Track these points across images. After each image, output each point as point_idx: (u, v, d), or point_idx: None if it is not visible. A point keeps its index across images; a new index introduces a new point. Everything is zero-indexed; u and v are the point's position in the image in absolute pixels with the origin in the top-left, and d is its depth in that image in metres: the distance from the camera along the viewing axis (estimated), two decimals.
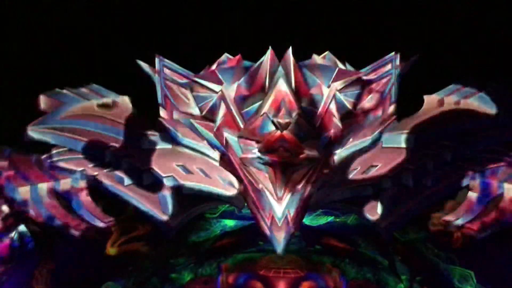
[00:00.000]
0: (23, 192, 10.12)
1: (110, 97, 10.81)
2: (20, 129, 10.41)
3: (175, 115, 10.38)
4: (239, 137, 9.77)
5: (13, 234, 10.04)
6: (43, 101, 10.62)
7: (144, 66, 10.38)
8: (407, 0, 14.11)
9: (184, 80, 10.32)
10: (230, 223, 12.10)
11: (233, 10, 14.22)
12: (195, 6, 14.18)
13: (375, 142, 10.44)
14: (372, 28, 14.58)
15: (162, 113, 10.46)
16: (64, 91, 10.73)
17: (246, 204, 10.23)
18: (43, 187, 10.22)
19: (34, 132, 10.47)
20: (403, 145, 10.48)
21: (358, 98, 10.17)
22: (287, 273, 13.05)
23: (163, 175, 10.26)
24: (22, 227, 10.10)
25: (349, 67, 10.74)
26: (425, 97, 10.87)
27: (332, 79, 10.10)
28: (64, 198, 10.34)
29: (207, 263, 12.85)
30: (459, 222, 10.43)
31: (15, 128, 10.49)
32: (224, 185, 10.24)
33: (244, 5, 14.24)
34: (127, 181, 10.32)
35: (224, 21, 14.05)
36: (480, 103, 10.64)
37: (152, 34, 14.22)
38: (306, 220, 11.15)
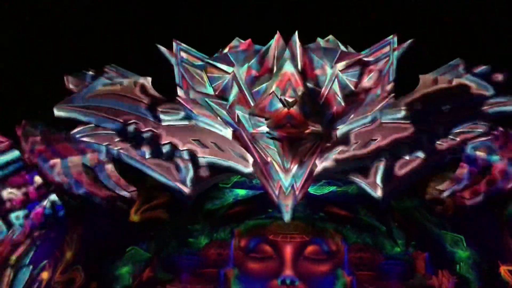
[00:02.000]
0: (54, 164, 10.16)
1: (132, 78, 10.79)
2: (50, 107, 10.41)
3: (191, 94, 10.41)
4: (250, 114, 9.81)
5: (46, 203, 10.10)
6: (70, 82, 10.65)
7: (163, 50, 10.40)
8: None
9: (199, 62, 10.36)
10: (241, 192, 12.17)
11: None
12: None
13: (374, 118, 10.45)
14: (372, 13, 14.48)
15: (180, 92, 10.47)
16: (90, 72, 10.72)
17: (256, 175, 10.24)
18: (72, 160, 10.29)
19: (62, 110, 10.52)
20: (400, 120, 10.47)
21: (359, 78, 10.18)
22: (294, 238, 13.17)
23: (181, 148, 10.32)
24: (53, 197, 10.15)
25: (350, 50, 10.70)
26: (421, 77, 10.81)
27: (335, 60, 10.12)
28: (91, 170, 10.36)
29: (221, 228, 12.98)
30: (451, 191, 10.42)
31: (46, 106, 10.51)
32: (236, 158, 10.28)
33: None
34: (148, 154, 10.36)
35: (236, 8, 13.96)
36: (471, 82, 10.59)
37: (169, 20, 14.17)
38: (311, 190, 11.23)
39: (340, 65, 10.13)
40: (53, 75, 10.99)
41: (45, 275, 9.96)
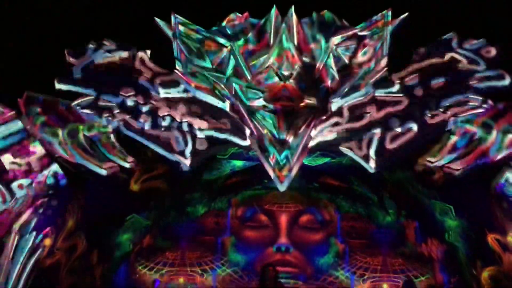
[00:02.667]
0: (55, 135, 10.16)
1: (131, 51, 10.75)
2: (52, 80, 10.39)
3: (190, 68, 10.39)
4: (247, 87, 9.82)
5: (48, 173, 10.11)
6: (71, 55, 10.60)
7: (162, 23, 10.33)
8: None
9: (197, 36, 10.29)
10: (238, 163, 12.23)
11: None
12: None
13: (368, 91, 10.46)
14: None
15: (178, 66, 10.45)
16: (90, 45, 10.67)
17: (252, 146, 10.30)
18: (73, 131, 10.26)
19: (63, 83, 10.51)
20: (393, 94, 10.49)
21: (354, 52, 10.15)
22: (289, 207, 13.30)
23: (179, 120, 10.34)
24: (55, 166, 10.17)
25: (345, 24, 10.66)
26: (414, 51, 10.79)
27: (330, 35, 10.07)
28: (92, 141, 10.37)
29: (218, 198, 13.10)
30: (441, 162, 10.49)
31: (47, 78, 10.48)
32: (233, 130, 10.31)
33: None
34: (147, 126, 10.37)
35: None
36: (463, 56, 10.60)
37: None
38: (305, 161, 11.29)
39: (335, 39, 10.12)
40: (54, 49, 10.93)
41: (47, 241, 10.02)
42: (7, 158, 9.91)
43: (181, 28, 10.33)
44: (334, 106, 10.33)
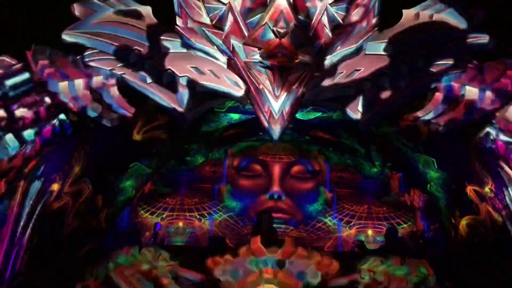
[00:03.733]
0: (62, 86, 10.25)
1: (134, 7, 10.70)
2: (58, 33, 10.36)
3: (189, 24, 10.36)
4: (244, 44, 9.87)
5: (55, 122, 10.18)
6: (77, 9, 10.57)
7: None
8: None
9: None
10: (235, 116, 12.36)
11: None
12: None
13: (359, 49, 10.52)
14: None
15: (178, 21, 10.42)
16: (95, 0, 10.61)
17: (248, 100, 10.39)
18: (79, 82, 10.34)
19: (69, 36, 10.51)
20: (383, 52, 10.56)
21: (347, 11, 10.16)
22: (281, 158, 13.54)
23: (179, 74, 10.39)
24: (62, 116, 10.24)
25: None
26: (404, 11, 10.79)
27: None
28: (97, 92, 10.42)
29: (216, 149, 13.31)
30: (426, 118, 10.62)
31: (54, 32, 10.44)
32: (231, 84, 10.38)
33: None
34: (149, 79, 10.44)
35: None
36: (450, 17, 10.61)
37: None
38: (298, 115, 11.47)
39: None
40: (60, 2, 10.84)
41: (55, 186, 10.19)
42: (16, 108, 9.96)
43: None
44: (327, 63, 10.39)
